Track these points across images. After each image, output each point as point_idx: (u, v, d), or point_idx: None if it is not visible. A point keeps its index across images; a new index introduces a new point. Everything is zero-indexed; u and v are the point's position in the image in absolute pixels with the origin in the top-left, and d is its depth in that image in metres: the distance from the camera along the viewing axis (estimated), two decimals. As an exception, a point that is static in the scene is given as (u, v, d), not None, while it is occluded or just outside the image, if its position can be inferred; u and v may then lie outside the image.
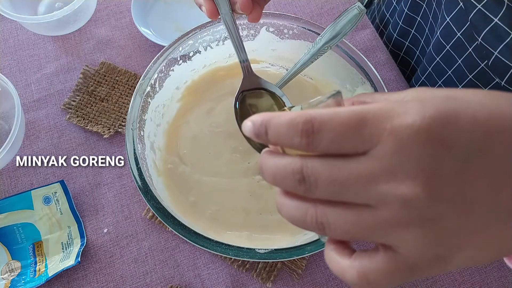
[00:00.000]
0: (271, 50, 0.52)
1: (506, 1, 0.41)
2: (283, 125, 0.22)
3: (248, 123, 0.24)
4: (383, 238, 0.21)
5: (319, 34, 0.44)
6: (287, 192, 0.23)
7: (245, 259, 0.47)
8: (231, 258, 0.48)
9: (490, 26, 0.43)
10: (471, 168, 0.20)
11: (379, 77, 0.46)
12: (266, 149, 0.24)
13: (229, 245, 0.38)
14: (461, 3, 0.46)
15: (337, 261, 0.23)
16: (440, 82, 0.55)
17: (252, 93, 0.44)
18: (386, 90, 0.46)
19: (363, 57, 0.47)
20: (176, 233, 0.39)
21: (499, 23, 0.42)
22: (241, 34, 0.41)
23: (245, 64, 0.43)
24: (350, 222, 0.21)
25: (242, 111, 0.44)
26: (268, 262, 0.48)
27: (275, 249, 0.38)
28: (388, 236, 0.21)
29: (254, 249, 0.38)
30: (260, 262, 0.48)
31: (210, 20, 0.49)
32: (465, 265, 0.23)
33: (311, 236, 0.41)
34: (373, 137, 0.21)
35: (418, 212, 0.20)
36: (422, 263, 0.21)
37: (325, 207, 0.22)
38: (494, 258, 0.24)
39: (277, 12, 0.49)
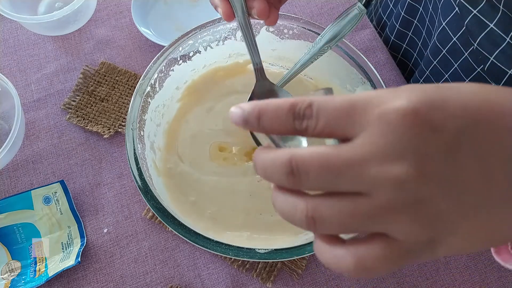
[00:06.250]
0: (271, 50, 0.52)
1: (501, 7, 0.41)
2: (284, 109, 0.22)
3: (236, 110, 0.24)
4: (379, 226, 0.21)
5: (319, 34, 0.44)
6: (281, 187, 0.23)
7: (245, 259, 0.47)
8: (231, 258, 0.48)
9: (485, 32, 0.43)
10: (461, 150, 0.21)
11: (379, 77, 0.46)
12: (261, 146, 0.24)
13: (229, 245, 0.38)
14: (457, 8, 0.46)
15: (329, 250, 0.22)
16: None
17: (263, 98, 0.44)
18: None
19: (363, 57, 0.47)
20: (176, 233, 0.39)
21: (495, 28, 0.42)
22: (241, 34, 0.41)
23: (258, 68, 0.42)
24: (346, 212, 0.21)
25: None
26: (268, 262, 0.48)
27: (275, 249, 0.38)
28: (384, 223, 0.21)
29: (254, 249, 0.38)
30: (260, 262, 0.48)
31: (210, 20, 0.49)
32: (454, 251, 0.22)
33: (311, 236, 0.41)
34: (362, 121, 0.21)
35: (411, 193, 0.20)
36: (416, 247, 0.21)
37: (317, 200, 0.22)
38: (485, 246, 0.25)
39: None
